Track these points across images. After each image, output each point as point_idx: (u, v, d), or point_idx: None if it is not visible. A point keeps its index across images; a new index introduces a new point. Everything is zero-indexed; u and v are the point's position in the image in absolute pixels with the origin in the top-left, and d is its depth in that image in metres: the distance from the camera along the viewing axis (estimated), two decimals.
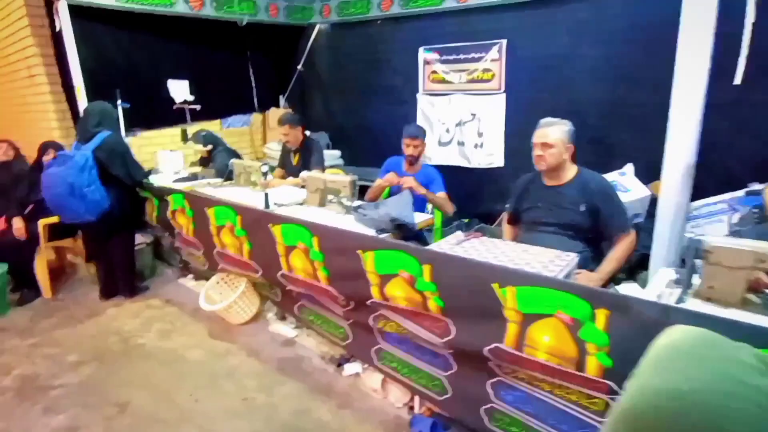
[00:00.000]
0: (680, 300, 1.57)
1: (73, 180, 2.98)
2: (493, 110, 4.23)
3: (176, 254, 3.59)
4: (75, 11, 3.66)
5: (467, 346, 1.84)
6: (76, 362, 2.70)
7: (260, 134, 5.72)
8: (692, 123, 2.27)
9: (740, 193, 2.89)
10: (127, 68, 4.32)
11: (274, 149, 5.30)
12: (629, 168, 3.32)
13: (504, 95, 4.14)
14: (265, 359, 2.66)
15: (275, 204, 2.93)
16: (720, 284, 1.52)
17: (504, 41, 4.03)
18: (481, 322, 1.73)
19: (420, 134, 3.16)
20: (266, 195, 2.87)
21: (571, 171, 2.38)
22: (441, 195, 3.08)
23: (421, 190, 3.04)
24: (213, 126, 5.18)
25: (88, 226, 3.22)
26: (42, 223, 3.43)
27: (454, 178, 3.64)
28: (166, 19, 4.31)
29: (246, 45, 5.27)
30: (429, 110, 4.67)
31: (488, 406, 1.88)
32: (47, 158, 3.45)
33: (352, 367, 2.54)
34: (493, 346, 1.70)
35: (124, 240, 3.41)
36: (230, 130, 5.40)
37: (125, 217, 3.35)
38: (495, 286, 1.63)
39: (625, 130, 3.55)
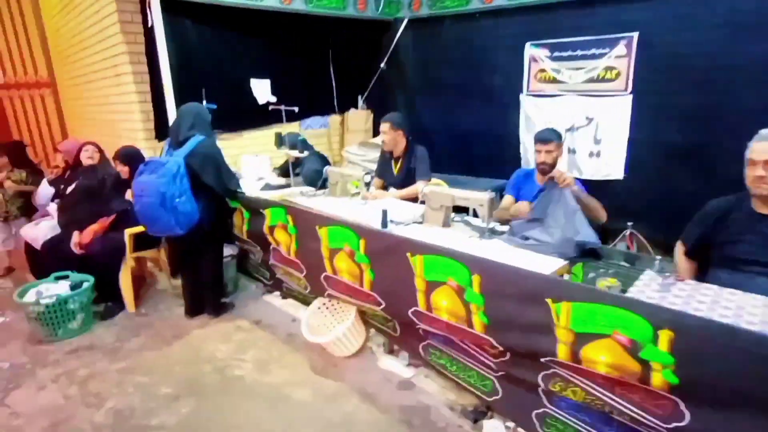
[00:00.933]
0: None
1: (165, 189, 2.70)
2: (615, 114, 3.68)
3: (267, 271, 3.27)
4: (163, 6, 3.43)
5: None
6: (171, 396, 2.40)
7: (338, 137, 5.39)
8: None
9: None
10: (211, 66, 4.06)
11: (354, 153, 4.96)
12: None
13: (631, 97, 3.59)
14: (384, 406, 2.27)
15: (392, 222, 2.53)
16: None
17: (635, 34, 3.47)
18: None
19: (554, 138, 2.67)
20: (384, 213, 2.48)
21: None
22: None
23: (574, 186, 2.51)
24: (292, 128, 4.88)
25: (175, 238, 2.94)
26: (129, 232, 3.19)
27: None
28: (248, 14, 4.03)
29: (327, 42, 4.94)
30: (535, 113, 4.17)
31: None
32: (122, 169, 3.24)
33: (493, 425, 2.11)
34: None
35: (213, 255, 3.12)
36: (308, 131, 5.09)
37: (215, 230, 3.06)
38: None
39: None
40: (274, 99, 4.42)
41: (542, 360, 1.69)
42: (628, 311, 1.40)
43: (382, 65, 5.17)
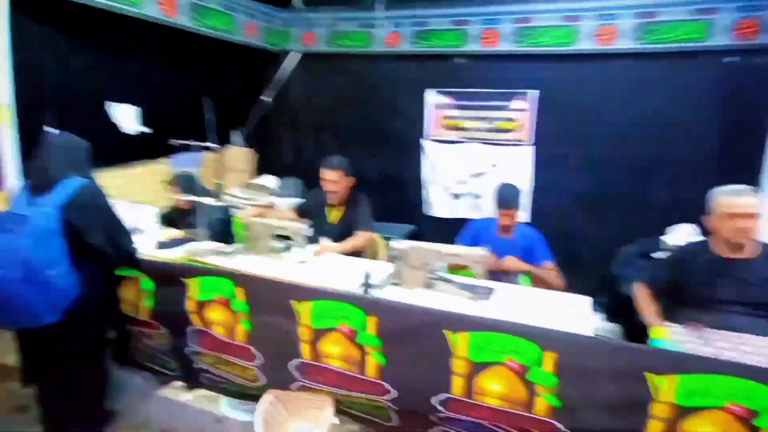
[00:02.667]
0: None
1: (31, 255, 1.78)
2: (517, 162, 3.95)
3: (176, 359, 2.41)
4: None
5: None
6: None
7: (213, 177, 4.58)
8: None
9: None
10: (62, 83, 3.02)
11: (239, 197, 4.25)
12: (689, 228, 3.26)
13: (532, 147, 3.90)
14: None
15: (369, 286, 2.12)
16: None
17: (535, 91, 3.81)
18: None
19: (515, 203, 2.62)
20: (368, 275, 2.05)
21: (755, 243, 2.12)
22: (548, 266, 2.59)
23: (524, 267, 2.55)
24: (160, 167, 3.97)
25: (36, 329, 1.95)
26: None
27: None
28: (113, 23, 3.16)
29: (203, 68, 4.22)
30: (438, 158, 4.20)
31: None
32: None
33: None
34: None
35: (94, 352, 2.17)
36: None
37: (101, 312, 2.15)
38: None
39: (665, 188, 3.54)
40: (146, 129, 3.51)
41: None
42: (740, 378, 1.32)
43: (266, 98, 4.64)
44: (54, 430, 2.15)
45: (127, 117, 3.53)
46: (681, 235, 3.22)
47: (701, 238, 2.34)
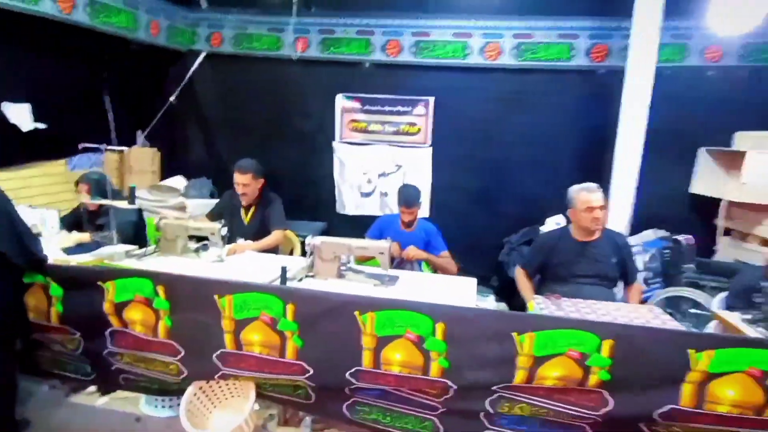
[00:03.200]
0: None
1: None
2: (419, 163, 4.34)
3: (88, 363, 2.40)
4: None
5: (624, 413, 1.83)
6: None
7: (117, 179, 4.41)
8: (630, 187, 3.18)
9: (651, 236, 3.74)
10: None
11: (146, 199, 4.17)
12: (561, 219, 3.87)
13: (431, 149, 4.31)
14: None
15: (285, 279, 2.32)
16: None
17: (432, 98, 4.22)
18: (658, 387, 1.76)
19: (415, 202, 2.96)
20: (284, 269, 2.25)
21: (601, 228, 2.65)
22: (444, 255, 2.97)
23: (423, 256, 2.91)
24: (55, 168, 3.78)
25: None
26: None
27: None
28: (10, 20, 2.98)
29: (102, 65, 4.06)
30: (347, 159, 4.46)
31: None
32: None
33: None
34: (667, 408, 1.75)
35: (4, 360, 2.13)
36: (76, 172, 3.99)
37: (8, 321, 2.11)
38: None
39: (541, 186, 4.13)
40: (42, 126, 3.34)
41: (494, 388, 1.89)
42: (578, 330, 1.75)
43: (173, 99, 4.57)
44: None
45: (21, 115, 3.33)
46: (554, 224, 3.82)
47: (563, 225, 2.87)
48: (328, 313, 1.92)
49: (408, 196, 2.93)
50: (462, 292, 2.39)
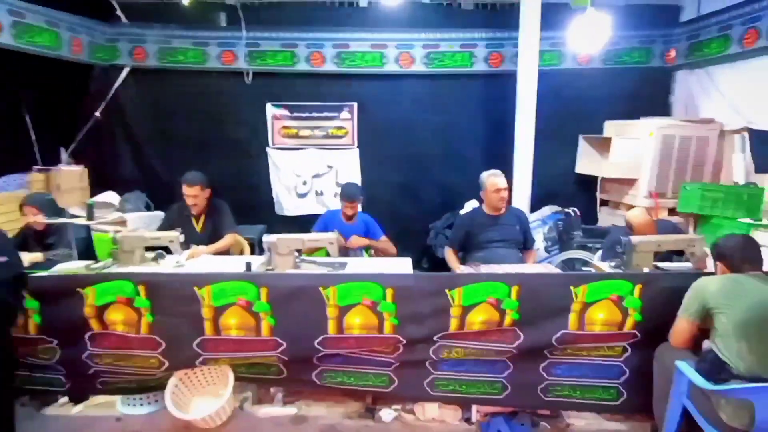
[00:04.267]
0: None
1: None
2: (348, 162, 4.76)
3: (62, 373, 2.53)
4: None
5: (532, 343, 2.40)
6: None
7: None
8: (528, 171, 3.88)
9: (547, 211, 4.49)
10: None
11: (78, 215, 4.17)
12: (475, 203, 4.50)
13: (358, 150, 4.76)
14: None
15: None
16: None
17: (355, 104, 4.66)
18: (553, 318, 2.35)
19: (354, 196, 3.38)
20: (248, 264, 2.57)
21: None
22: (383, 239, 3.43)
23: (365, 242, 3.35)
24: None
25: None
26: None
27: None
28: None
29: (19, 82, 4.00)
30: (282, 163, 4.77)
31: (543, 384, 2.48)
32: None
33: (387, 413, 2.62)
34: (560, 333, 2.34)
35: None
36: (2, 194, 3.91)
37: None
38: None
39: (457, 175, 4.74)
40: None
41: (435, 338, 2.38)
42: (495, 282, 2.28)
43: (97, 114, 4.56)
44: None
45: None
46: (470, 207, 4.44)
47: (476, 205, 3.45)
48: (296, 291, 2.30)
49: (349, 192, 3.35)
50: (401, 268, 2.87)
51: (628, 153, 4.21)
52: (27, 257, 2.92)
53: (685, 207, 3.95)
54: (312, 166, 4.77)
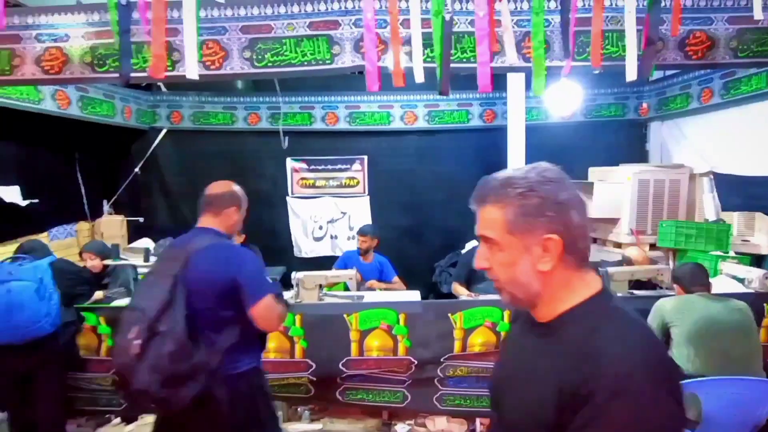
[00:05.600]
0: None
1: (43, 276, 2.43)
2: (360, 209, 5.29)
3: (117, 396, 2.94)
4: None
5: None
6: None
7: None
8: None
9: None
10: None
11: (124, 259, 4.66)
12: (475, 242, 4.97)
13: (368, 197, 5.29)
14: None
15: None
16: None
17: (366, 157, 5.25)
18: None
19: (367, 232, 3.92)
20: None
21: None
22: (396, 280, 3.91)
23: (382, 286, 3.82)
24: (41, 239, 4.21)
25: (13, 352, 2.38)
26: None
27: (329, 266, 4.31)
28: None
29: (73, 145, 4.60)
30: (300, 210, 5.30)
31: None
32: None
33: (402, 427, 2.99)
34: None
35: (61, 380, 2.65)
36: (54, 243, 4.42)
37: (67, 346, 2.66)
38: None
39: (458, 218, 5.22)
40: (35, 201, 3.84)
41: (441, 359, 2.78)
42: (490, 307, 2.71)
43: (137, 170, 5.15)
44: None
45: (13, 195, 3.80)
46: (470, 247, 4.90)
47: (476, 245, 3.92)
48: (325, 318, 2.74)
49: (363, 228, 3.94)
50: (410, 298, 3.31)
51: (610, 196, 4.72)
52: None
53: (663, 242, 4.40)
54: (327, 212, 5.29)
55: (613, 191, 4.69)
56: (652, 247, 4.59)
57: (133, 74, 2.39)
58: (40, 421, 2.55)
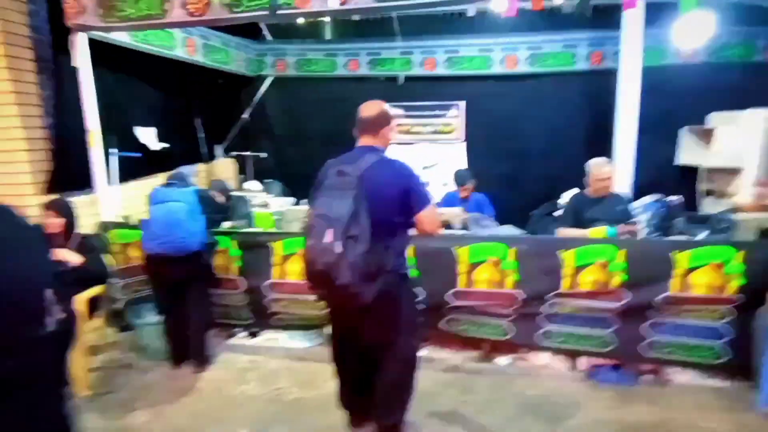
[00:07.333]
0: None
1: (194, 199, 2.77)
2: (456, 156, 5.29)
3: (249, 310, 3.33)
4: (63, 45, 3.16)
5: (637, 303, 2.75)
6: None
7: (207, 186, 5.35)
8: (629, 164, 4.03)
9: (648, 200, 4.68)
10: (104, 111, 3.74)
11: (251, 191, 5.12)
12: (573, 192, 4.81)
13: (464, 144, 5.28)
14: (434, 380, 2.95)
15: None
16: None
17: (463, 102, 5.20)
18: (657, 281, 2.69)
19: (466, 178, 3.98)
20: None
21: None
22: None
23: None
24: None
25: (171, 264, 2.77)
26: (82, 298, 2.75)
27: None
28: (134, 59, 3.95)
29: (192, 92, 5.02)
30: (396, 157, 5.40)
31: (647, 341, 2.81)
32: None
33: (503, 359, 3.11)
34: (663, 295, 2.67)
35: (207, 290, 3.08)
36: None
37: (210, 262, 3.05)
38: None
39: (557, 167, 5.07)
40: (167, 145, 4.30)
41: (548, 295, 2.82)
42: (606, 245, 2.68)
43: (246, 116, 5.53)
44: (177, 355, 3.01)
45: (148, 137, 4.28)
46: (567, 197, 4.77)
47: (578, 191, 3.81)
48: (436, 251, 2.87)
49: (460, 176, 3.95)
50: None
51: (733, 143, 4.31)
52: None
53: None
54: (422, 158, 5.36)
55: (736, 137, 4.28)
56: None
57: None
58: (192, 325, 2.98)
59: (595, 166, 3.51)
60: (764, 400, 2.43)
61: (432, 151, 5.35)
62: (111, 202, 3.55)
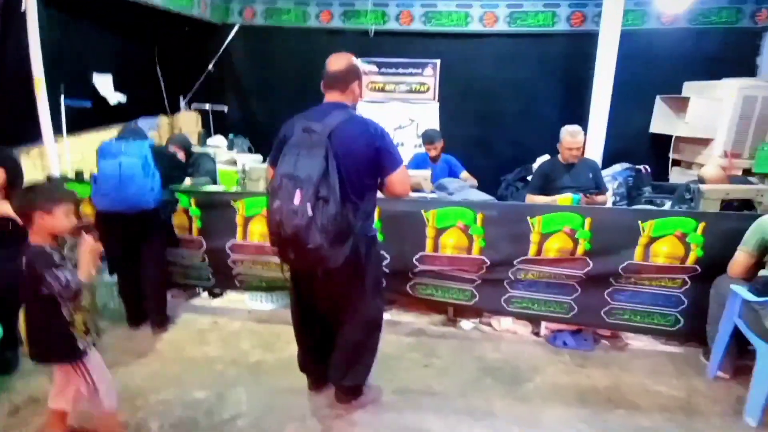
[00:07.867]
0: None
1: (148, 153, 2.61)
2: (428, 116, 5.16)
3: (209, 270, 3.22)
4: None
5: (599, 271, 2.77)
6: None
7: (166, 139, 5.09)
8: (602, 129, 4.02)
9: (618, 168, 4.70)
10: (55, 57, 3.43)
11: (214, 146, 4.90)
12: (546, 157, 4.78)
13: (438, 105, 5.13)
14: (397, 344, 2.95)
15: None
16: None
17: (438, 61, 5.01)
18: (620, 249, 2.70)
19: (434, 138, 3.89)
20: None
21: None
22: (465, 176, 3.88)
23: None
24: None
25: (123, 221, 2.62)
26: None
27: None
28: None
29: (153, 39, 4.67)
30: (368, 115, 5.22)
31: (607, 308, 2.87)
32: None
33: (467, 323, 3.13)
34: (626, 263, 2.70)
35: (163, 249, 2.95)
36: None
37: (167, 219, 2.91)
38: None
39: (531, 131, 5.01)
40: (123, 98, 4.01)
41: (515, 261, 2.81)
42: (573, 213, 2.67)
43: (211, 67, 5.21)
44: (135, 315, 2.93)
45: (105, 85, 3.98)
46: (540, 162, 4.74)
47: (549, 157, 3.78)
48: (403, 214, 2.79)
49: (429, 136, 3.86)
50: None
51: (706, 113, 4.31)
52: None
53: (762, 167, 4.05)
54: (395, 118, 5.21)
55: (709, 108, 4.28)
56: (746, 172, 4.25)
57: None
58: (148, 285, 2.87)
59: (569, 134, 3.46)
60: (714, 365, 2.52)
61: (405, 111, 5.19)
62: (60, 154, 3.32)
